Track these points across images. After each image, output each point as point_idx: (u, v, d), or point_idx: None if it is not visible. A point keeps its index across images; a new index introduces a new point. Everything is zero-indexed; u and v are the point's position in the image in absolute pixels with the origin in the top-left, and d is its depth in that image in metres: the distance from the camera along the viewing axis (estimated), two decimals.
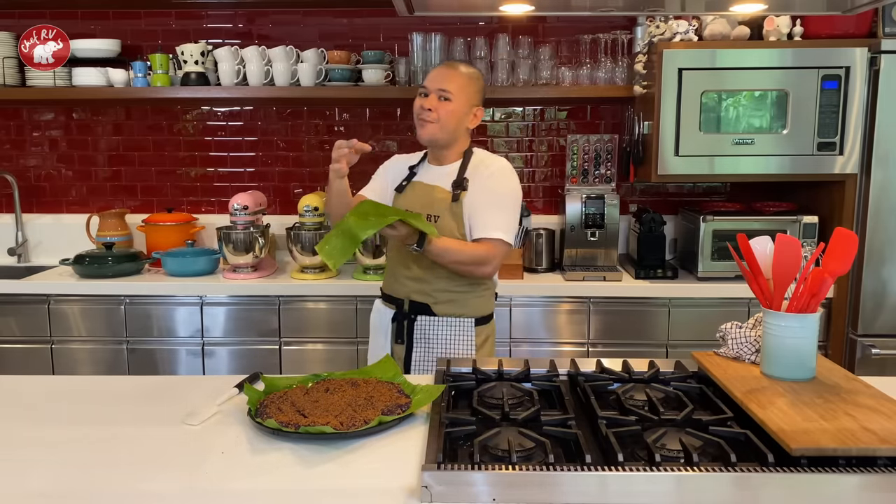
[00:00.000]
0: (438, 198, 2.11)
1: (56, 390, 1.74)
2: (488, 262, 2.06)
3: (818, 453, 1.20)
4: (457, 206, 2.09)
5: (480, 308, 2.17)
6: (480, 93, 2.15)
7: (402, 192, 2.21)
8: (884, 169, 2.84)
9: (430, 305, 2.13)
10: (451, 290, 2.12)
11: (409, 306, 2.16)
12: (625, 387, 1.60)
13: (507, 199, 2.11)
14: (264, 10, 3.43)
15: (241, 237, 3.05)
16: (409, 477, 1.26)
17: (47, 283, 3.03)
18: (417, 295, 2.14)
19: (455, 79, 2.08)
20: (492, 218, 2.07)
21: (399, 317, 2.18)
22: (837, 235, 1.49)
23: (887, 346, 2.90)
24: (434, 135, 2.09)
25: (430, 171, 2.19)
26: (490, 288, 2.21)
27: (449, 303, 2.13)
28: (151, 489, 1.24)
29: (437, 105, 2.07)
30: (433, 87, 2.08)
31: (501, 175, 2.11)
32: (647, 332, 2.96)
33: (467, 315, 2.15)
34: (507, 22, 3.35)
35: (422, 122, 2.10)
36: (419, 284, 2.13)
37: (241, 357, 3.02)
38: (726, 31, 2.90)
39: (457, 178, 2.11)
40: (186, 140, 3.55)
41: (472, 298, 2.15)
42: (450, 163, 2.16)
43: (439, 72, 2.11)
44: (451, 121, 2.08)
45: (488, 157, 2.17)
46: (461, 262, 2.05)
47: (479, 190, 2.09)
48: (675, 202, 3.47)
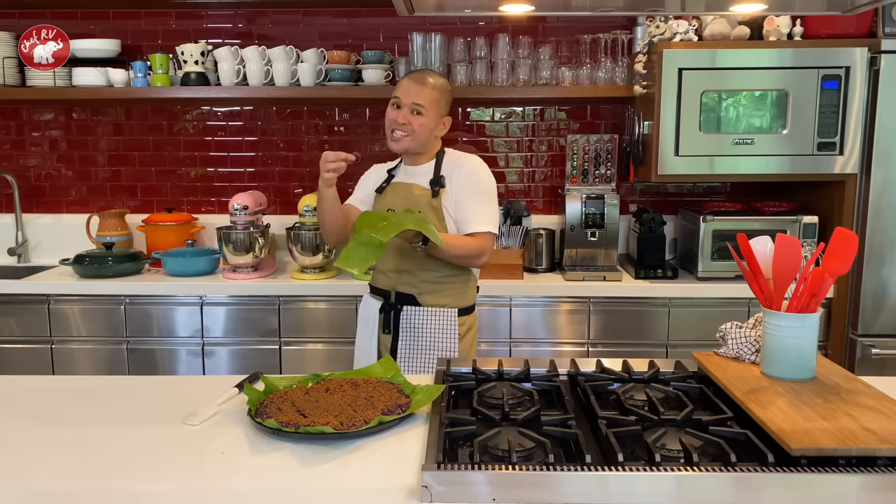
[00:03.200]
0: (416, 194, 2.23)
1: (56, 390, 1.74)
2: (483, 252, 2.20)
3: (818, 453, 1.20)
4: (436, 202, 2.21)
5: (463, 299, 2.28)
6: (449, 103, 2.28)
7: (382, 192, 2.33)
8: (884, 169, 2.84)
9: (415, 296, 2.23)
10: (435, 281, 2.23)
11: (395, 297, 2.26)
12: (625, 387, 1.60)
13: (487, 193, 2.23)
14: (264, 10, 3.43)
15: (241, 237, 3.05)
16: (409, 477, 1.26)
17: (47, 283, 3.03)
18: (403, 286, 2.24)
19: (428, 93, 2.19)
20: (478, 212, 2.20)
21: (386, 307, 2.28)
22: (837, 235, 1.49)
23: (887, 346, 2.90)
24: (407, 147, 2.23)
25: (406, 171, 2.31)
26: (473, 280, 2.32)
27: (433, 293, 2.23)
28: (152, 489, 1.24)
29: (411, 119, 2.18)
30: (407, 101, 2.19)
31: (476, 171, 2.24)
32: (647, 332, 2.96)
33: (451, 305, 2.24)
34: (507, 22, 3.35)
35: (395, 135, 2.21)
36: (405, 276, 2.24)
37: (241, 357, 3.02)
38: (726, 31, 2.90)
39: (433, 177, 2.24)
40: (186, 140, 3.55)
41: (456, 290, 2.26)
42: (424, 163, 2.29)
43: (412, 86, 2.20)
44: (423, 133, 2.21)
45: (461, 156, 2.29)
46: (462, 256, 2.17)
47: (459, 188, 2.21)
48: (675, 202, 3.47)
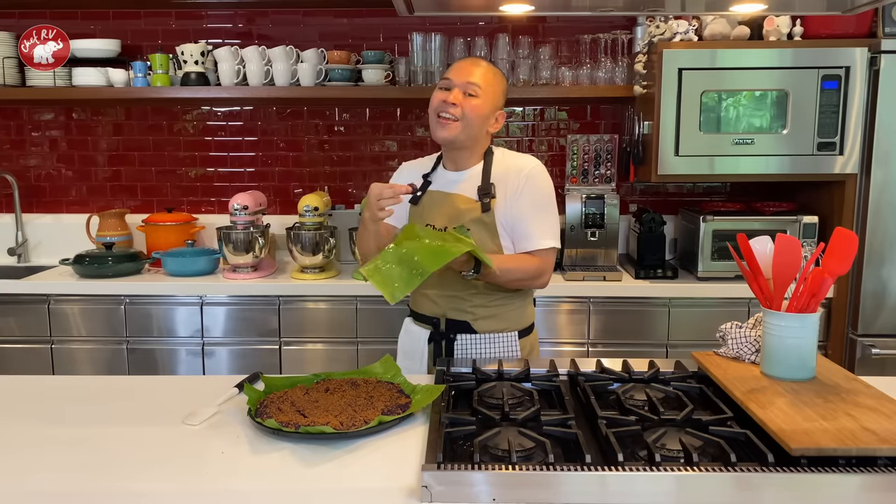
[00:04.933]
0: (463, 208, 1.89)
1: (56, 390, 1.74)
2: (544, 272, 1.92)
3: (818, 453, 1.20)
4: (487, 217, 1.87)
5: (522, 320, 2.00)
6: (505, 94, 1.95)
7: (417, 203, 1.97)
8: (884, 169, 2.84)
9: (469, 322, 1.94)
10: (489, 304, 1.94)
11: (445, 325, 1.95)
12: (625, 387, 1.60)
13: (549, 203, 1.93)
14: (264, 10, 3.43)
15: (241, 237, 3.05)
16: (409, 477, 1.26)
17: (47, 283, 3.03)
18: (454, 312, 1.94)
19: (484, 73, 1.86)
20: (540, 227, 1.89)
21: (436, 337, 1.97)
22: (837, 235, 1.49)
23: (887, 346, 2.90)
24: (456, 135, 1.86)
25: (446, 177, 1.97)
26: (529, 297, 2.04)
27: (489, 318, 1.94)
28: (152, 489, 1.24)
29: (463, 101, 1.84)
30: (459, 81, 1.85)
31: (539, 177, 1.93)
32: (647, 332, 2.96)
33: (510, 329, 1.97)
34: (507, 22, 3.35)
35: (442, 120, 1.86)
36: (454, 302, 1.94)
37: (241, 357, 3.02)
38: (726, 31, 2.90)
39: (482, 185, 1.90)
40: (186, 140, 3.55)
41: (513, 310, 1.97)
42: (470, 167, 1.95)
43: (466, 64, 1.88)
44: (476, 120, 1.86)
45: (516, 158, 1.96)
46: (520, 280, 1.89)
47: (517, 196, 1.88)
48: (675, 202, 3.47)
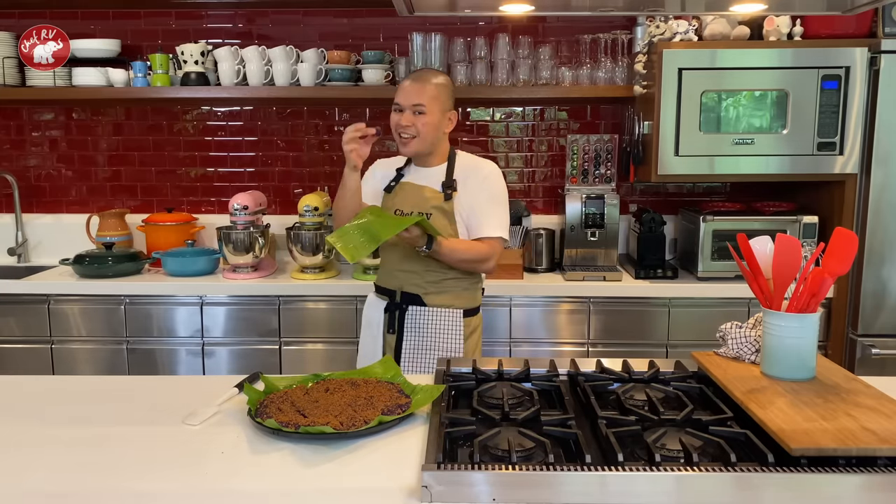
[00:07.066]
0: (428, 196, 2.22)
1: (56, 390, 1.74)
2: (490, 258, 2.20)
3: (818, 453, 1.20)
4: (448, 206, 2.20)
5: (469, 300, 2.27)
6: (452, 97, 2.23)
7: (391, 192, 2.30)
8: (884, 169, 2.84)
9: (421, 296, 2.23)
10: (440, 281, 2.22)
11: (401, 297, 2.25)
12: (625, 387, 1.60)
13: (502, 200, 2.25)
14: (264, 10, 3.43)
15: (241, 237, 3.05)
16: (409, 477, 1.26)
17: (47, 283, 3.03)
18: (409, 286, 2.24)
19: (426, 91, 2.15)
20: (491, 218, 2.20)
21: (391, 307, 2.26)
22: (837, 235, 1.49)
23: (887, 346, 2.90)
24: (416, 149, 2.19)
25: (417, 172, 2.28)
26: (479, 282, 2.33)
27: (439, 293, 2.22)
28: (152, 489, 1.24)
29: (414, 120, 2.15)
30: (406, 104, 2.16)
31: (495, 178, 2.24)
32: (647, 332, 2.96)
33: (457, 306, 2.24)
34: (507, 22, 3.35)
35: (402, 139, 2.18)
36: (411, 277, 2.23)
37: (241, 357, 3.02)
38: (726, 31, 2.90)
39: (446, 180, 2.23)
40: (186, 140, 3.55)
41: (462, 291, 2.25)
42: (436, 165, 2.27)
43: (410, 87, 2.17)
44: (430, 132, 2.17)
45: (477, 161, 2.29)
46: (466, 260, 2.18)
47: (474, 192, 2.21)
48: (675, 202, 3.47)
